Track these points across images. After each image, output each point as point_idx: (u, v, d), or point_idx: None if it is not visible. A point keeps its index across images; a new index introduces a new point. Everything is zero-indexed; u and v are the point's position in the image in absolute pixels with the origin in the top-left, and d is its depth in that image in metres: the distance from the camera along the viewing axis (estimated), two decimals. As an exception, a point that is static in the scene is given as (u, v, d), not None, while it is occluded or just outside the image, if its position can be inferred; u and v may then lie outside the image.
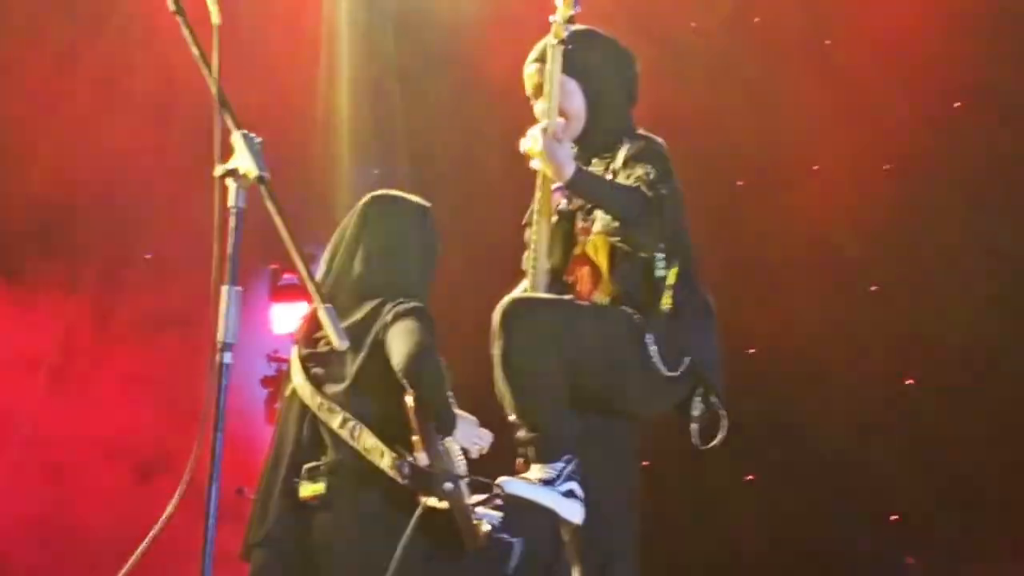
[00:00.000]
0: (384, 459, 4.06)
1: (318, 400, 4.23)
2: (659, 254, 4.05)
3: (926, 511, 6.98)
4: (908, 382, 7.15)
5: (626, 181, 4.04)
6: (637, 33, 7.65)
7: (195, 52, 3.16)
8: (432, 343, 4.13)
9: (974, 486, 6.85)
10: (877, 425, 7.07)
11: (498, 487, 3.88)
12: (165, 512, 3.06)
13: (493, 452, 4.41)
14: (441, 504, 3.98)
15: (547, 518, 3.94)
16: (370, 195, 4.59)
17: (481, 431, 4.42)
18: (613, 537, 4.19)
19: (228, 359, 3.01)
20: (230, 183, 3.08)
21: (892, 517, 7.21)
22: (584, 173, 4.06)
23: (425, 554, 4.04)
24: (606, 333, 4.02)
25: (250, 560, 4.26)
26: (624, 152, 4.13)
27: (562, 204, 4.24)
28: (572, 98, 4.23)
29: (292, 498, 4.20)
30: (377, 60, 8.48)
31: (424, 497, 3.98)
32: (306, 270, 3.15)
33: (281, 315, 8.59)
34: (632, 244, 4.05)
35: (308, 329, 4.41)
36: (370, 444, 4.10)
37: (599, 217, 4.13)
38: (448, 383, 4.15)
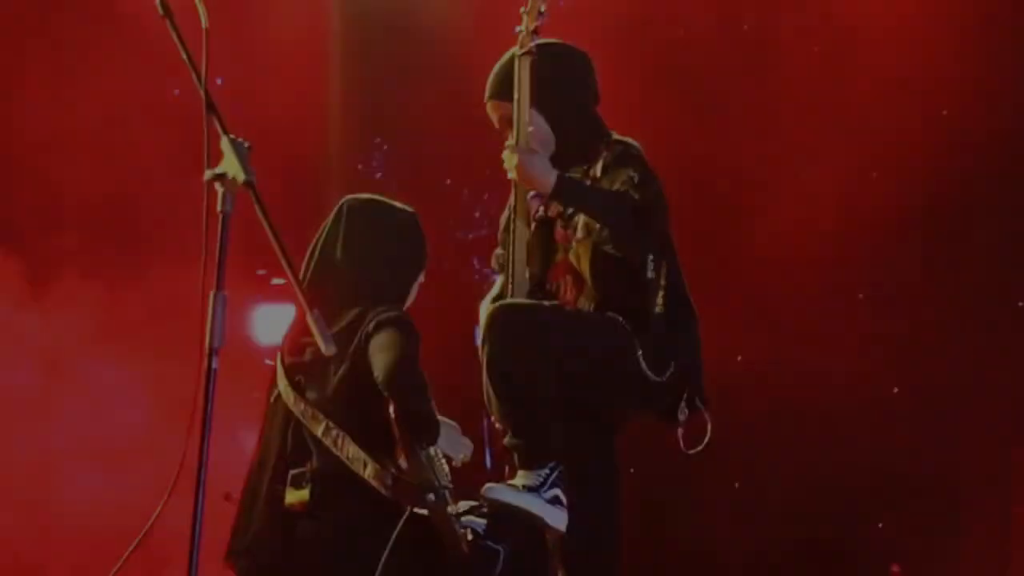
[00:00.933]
0: (367, 469, 4.06)
1: (302, 406, 4.22)
2: (650, 256, 4.05)
3: (912, 519, 6.99)
4: (895, 390, 7.16)
5: (610, 186, 4.04)
6: (625, 40, 7.72)
7: (184, 55, 3.16)
8: (414, 352, 4.11)
9: (960, 495, 6.87)
10: (863, 432, 7.08)
11: (483, 494, 3.89)
12: (153, 515, 3.07)
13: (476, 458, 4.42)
14: (425, 512, 3.99)
15: (532, 525, 3.94)
16: (350, 198, 4.53)
17: (463, 440, 4.42)
18: (597, 544, 4.19)
19: (215, 364, 3.01)
20: (218, 187, 3.09)
21: (878, 525, 7.23)
22: (567, 180, 4.04)
23: (409, 562, 4.04)
24: (594, 339, 4.02)
25: (235, 566, 4.26)
26: (604, 158, 4.12)
27: (540, 211, 4.23)
28: (536, 128, 4.17)
29: (277, 505, 4.20)
30: (372, 59, 8.47)
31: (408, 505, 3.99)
32: (294, 275, 3.15)
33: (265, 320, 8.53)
34: (621, 248, 4.04)
35: (293, 335, 4.40)
36: (353, 453, 4.09)
37: (581, 224, 4.12)
38: (430, 391, 4.13)
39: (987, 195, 6.90)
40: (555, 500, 3.91)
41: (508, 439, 3.96)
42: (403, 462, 4.04)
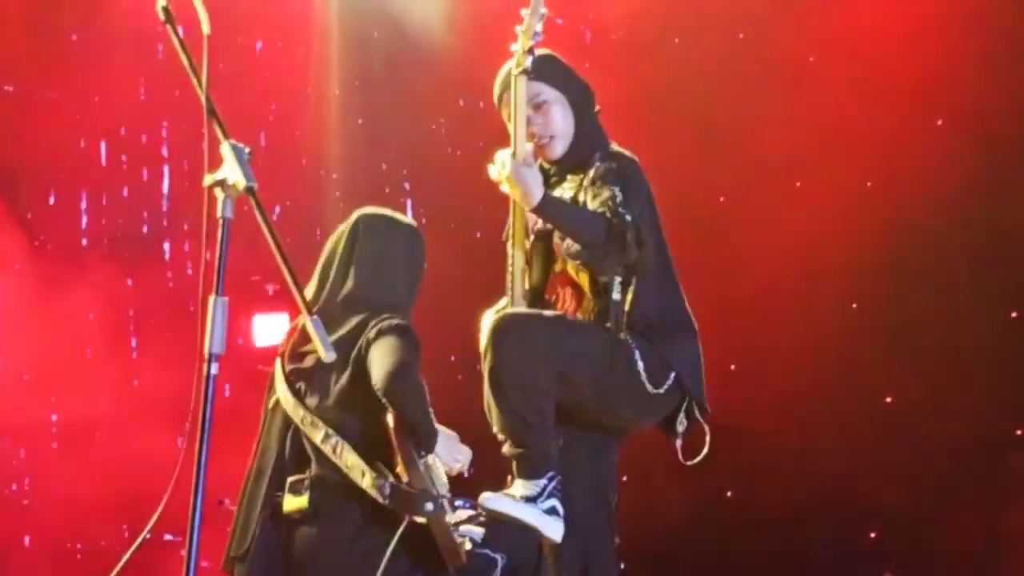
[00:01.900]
0: (365, 479, 4.05)
1: (301, 413, 4.22)
2: (617, 278, 4.04)
3: (905, 528, 6.99)
4: (887, 400, 7.16)
5: (592, 203, 4.02)
6: (622, 48, 7.73)
7: (184, 61, 3.15)
8: (413, 361, 4.11)
9: (951, 503, 6.87)
10: (857, 441, 7.08)
11: (480, 503, 3.89)
12: (151, 521, 3.05)
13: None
14: (423, 521, 3.98)
15: (529, 534, 3.94)
16: (361, 211, 4.60)
17: (461, 448, 4.41)
18: (593, 554, 4.19)
19: (215, 370, 3.00)
20: (218, 193, 3.08)
21: (871, 534, 7.23)
22: (550, 199, 4.04)
23: (407, 571, 4.03)
24: (595, 350, 4.02)
25: (231, 573, 4.25)
26: (595, 170, 4.12)
27: (539, 223, 4.23)
28: (564, 113, 4.22)
29: (275, 512, 4.19)
30: (368, 58, 8.48)
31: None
32: (294, 281, 3.14)
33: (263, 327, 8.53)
34: (589, 267, 4.05)
35: (293, 341, 4.40)
36: (351, 462, 4.09)
37: None
38: (428, 400, 4.13)
39: (980, 207, 6.90)
40: (552, 511, 3.91)
41: (507, 448, 3.95)
42: (401, 471, 4.03)
